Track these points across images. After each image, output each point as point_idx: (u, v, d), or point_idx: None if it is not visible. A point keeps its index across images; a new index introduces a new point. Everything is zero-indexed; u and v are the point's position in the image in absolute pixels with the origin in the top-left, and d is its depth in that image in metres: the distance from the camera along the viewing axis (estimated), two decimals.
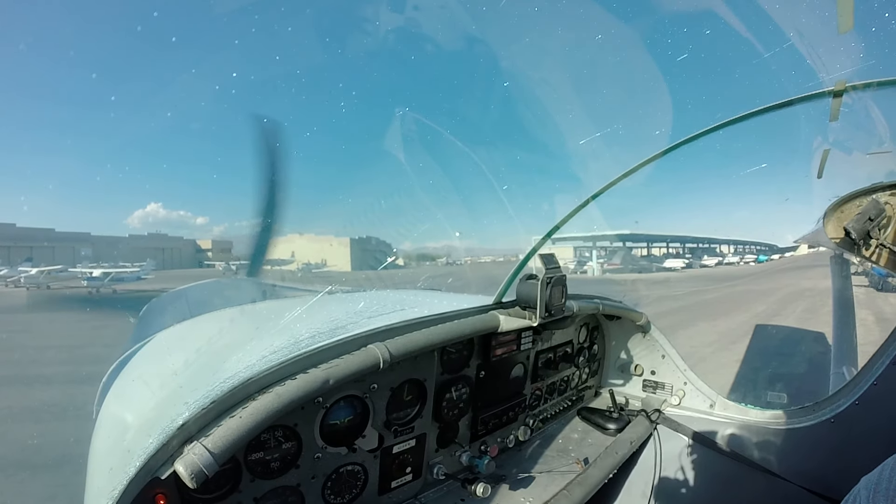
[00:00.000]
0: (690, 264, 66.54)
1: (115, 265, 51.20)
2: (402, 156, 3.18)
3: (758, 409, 3.06)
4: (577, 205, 2.68)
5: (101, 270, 44.40)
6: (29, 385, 11.84)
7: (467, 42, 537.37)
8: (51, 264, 50.87)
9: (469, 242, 21.33)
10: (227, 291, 5.94)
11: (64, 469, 7.12)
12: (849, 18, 1.93)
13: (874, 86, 2.11)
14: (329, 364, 1.69)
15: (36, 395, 11.02)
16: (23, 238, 70.28)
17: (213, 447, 1.35)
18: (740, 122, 2.35)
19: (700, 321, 18.09)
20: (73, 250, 72.28)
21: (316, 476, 1.97)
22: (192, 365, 2.04)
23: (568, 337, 3.39)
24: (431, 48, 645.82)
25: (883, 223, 2.43)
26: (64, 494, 6.54)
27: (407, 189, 3.38)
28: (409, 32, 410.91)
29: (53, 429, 8.97)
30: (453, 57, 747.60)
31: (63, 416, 9.58)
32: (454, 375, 2.52)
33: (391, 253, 4.82)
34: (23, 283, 44.70)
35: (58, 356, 15.07)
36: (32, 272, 46.04)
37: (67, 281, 46.23)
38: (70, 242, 75.45)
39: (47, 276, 46.47)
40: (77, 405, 9.77)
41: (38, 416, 9.79)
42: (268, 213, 5.65)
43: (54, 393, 11.07)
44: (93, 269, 45.67)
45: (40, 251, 66.67)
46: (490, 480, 2.37)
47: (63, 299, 36.93)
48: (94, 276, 42.80)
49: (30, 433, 8.84)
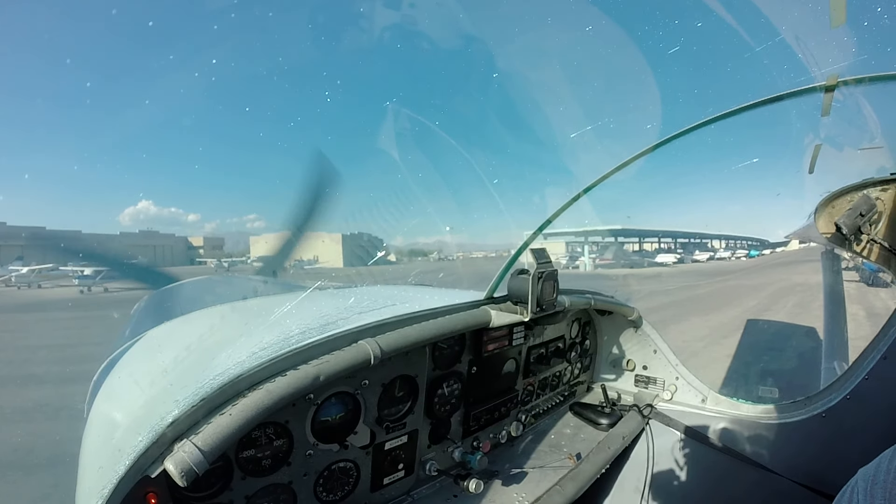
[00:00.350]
0: (682, 259, 66.79)
1: None
2: (393, 150, 3.16)
3: (749, 403, 3.08)
4: (569, 199, 2.68)
5: (93, 269, 44.02)
6: (21, 385, 11.74)
7: (459, 36, 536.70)
8: (42, 263, 50.41)
9: (460, 237, 21.30)
10: (218, 288, 5.90)
11: (57, 469, 7.07)
12: (841, 13, 1.93)
13: (866, 81, 2.12)
14: (319, 360, 1.68)
15: (28, 395, 10.93)
16: (13, 237, 69.62)
17: (204, 445, 1.34)
18: (732, 116, 2.35)
19: (692, 316, 18.18)
20: None
21: (308, 473, 1.96)
22: (182, 362, 2.03)
23: (560, 332, 3.39)
24: (422, 42, 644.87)
25: (874, 218, 2.45)
26: (57, 494, 6.50)
27: (398, 184, 3.36)
28: (399, 27, 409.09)
29: (46, 429, 8.90)
30: (443, 50, 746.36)
31: (55, 416, 9.51)
32: (446, 371, 2.51)
33: (381, 248, 4.80)
34: (14, 283, 44.32)
35: (50, 355, 14.95)
36: (23, 271, 45.63)
37: (59, 280, 45.85)
38: (61, 241, 74.83)
39: (38, 275, 46.07)
40: (69, 404, 9.70)
41: (31, 416, 9.71)
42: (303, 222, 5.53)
43: (47, 392, 10.98)
44: (84, 267, 45.28)
45: (31, 250, 66.06)
46: (482, 476, 2.37)
47: (54, 298, 36.67)
48: (86, 275, 42.43)
49: (22, 433, 8.78)
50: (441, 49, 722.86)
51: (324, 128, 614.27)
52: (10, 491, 6.98)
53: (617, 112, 2.71)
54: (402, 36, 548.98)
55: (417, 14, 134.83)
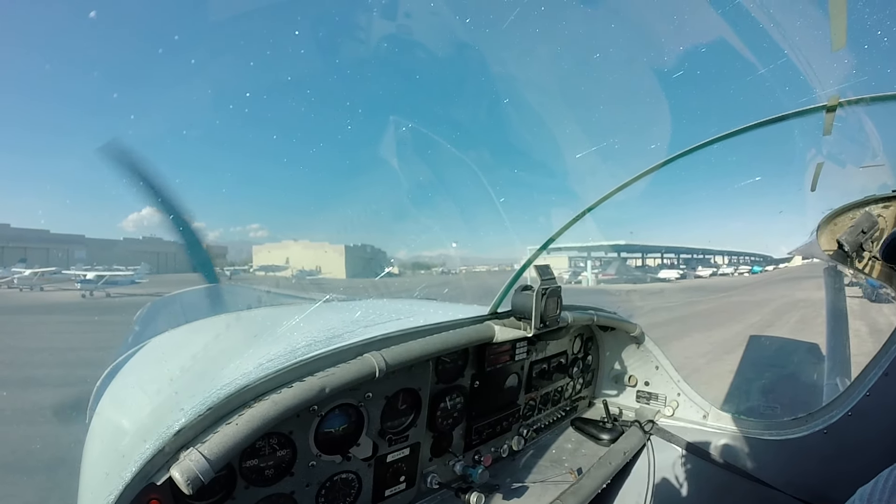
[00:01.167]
0: (685, 275, 66.59)
1: (109, 268, 50.84)
2: (401, 166, 3.20)
3: (751, 419, 3.07)
4: (573, 217, 2.70)
5: (96, 273, 44.06)
6: (22, 388, 11.74)
7: (470, 61, 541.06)
8: (45, 266, 50.53)
9: (465, 252, 21.32)
10: (222, 297, 5.92)
11: (57, 472, 7.06)
12: (842, 36, 1.96)
13: (867, 101, 2.14)
14: (325, 372, 1.70)
15: (29, 398, 10.93)
16: (17, 239, 69.84)
17: (210, 454, 1.36)
18: (735, 136, 2.37)
19: (694, 332, 18.11)
20: (68, 252, 71.83)
21: (310, 484, 1.97)
22: (189, 371, 2.05)
23: (562, 347, 3.40)
24: (431, 60, 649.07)
25: (875, 235, 2.46)
26: (56, 498, 6.49)
27: (403, 199, 3.40)
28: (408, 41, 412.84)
29: (46, 432, 8.89)
30: (453, 72, 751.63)
31: (56, 420, 9.51)
32: (449, 385, 2.53)
33: (387, 262, 4.83)
34: (16, 285, 44.38)
35: (51, 359, 14.96)
36: (26, 273, 45.71)
37: (61, 283, 45.93)
38: (64, 244, 75.00)
39: (41, 277, 46.15)
40: (70, 409, 9.69)
41: (32, 419, 9.71)
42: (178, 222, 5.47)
43: (47, 396, 10.98)
44: (87, 271, 45.33)
45: (34, 252, 66.25)
46: (483, 490, 2.38)
47: (56, 301, 36.70)
48: (88, 279, 42.48)
49: (22, 436, 8.77)
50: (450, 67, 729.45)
51: (329, 142, 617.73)
52: (8, 492, 6.98)
53: (622, 133, 2.75)
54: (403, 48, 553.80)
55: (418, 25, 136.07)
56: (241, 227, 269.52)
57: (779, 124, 2.31)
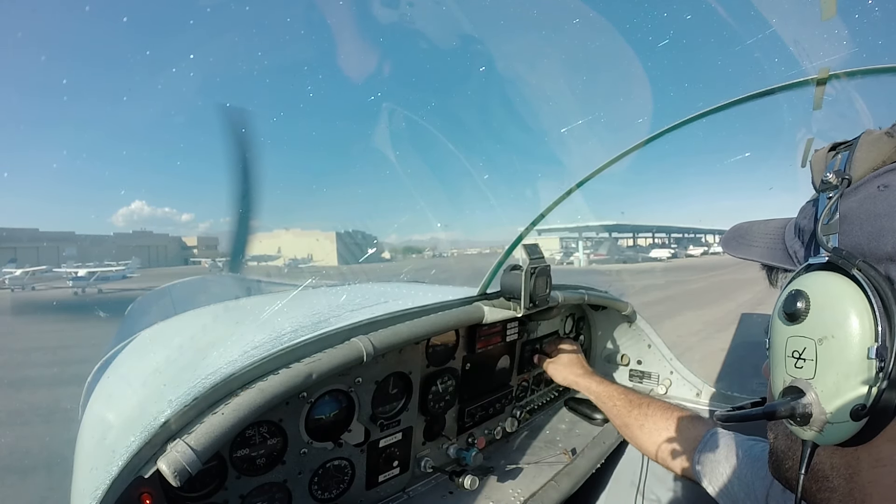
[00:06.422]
0: (676, 254, 66.93)
1: (100, 264, 50.59)
2: (386, 149, 3.16)
3: (743, 396, 3.08)
4: (561, 193, 2.67)
5: (87, 270, 43.81)
6: (16, 388, 11.71)
7: (448, 30, 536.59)
8: (35, 265, 50.23)
9: (454, 234, 21.30)
10: (211, 288, 5.90)
11: (54, 471, 7.07)
12: (832, 5, 1.93)
13: (857, 74, 2.11)
14: (312, 358, 1.67)
15: (23, 398, 10.92)
16: (6, 239, 69.28)
17: (196, 444, 1.33)
18: (723, 110, 2.34)
19: (686, 310, 18.27)
20: (58, 250, 71.38)
21: (302, 471, 1.95)
22: (175, 362, 2.02)
23: (554, 327, 3.39)
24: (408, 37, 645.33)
25: None
26: (54, 497, 6.50)
27: (392, 182, 3.37)
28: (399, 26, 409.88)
29: (42, 431, 8.90)
30: (433, 46, 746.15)
31: (51, 419, 9.50)
32: (440, 368, 2.51)
33: (374, 245, 4.80)
34: (7, 285, 44.14)
35: (44, 358, 14.92)
36: (17, 273, 45.43)
37: (52, 281, 45.74)
38: (54, 242, 74.53)
39: (32, 276, 45.91)
40: (64, 407, 9.68)
41: (27, 419, 9.70)
42: (243, 202, 5.53)
43: (42, 395, 10.97)
44: (78, 268, 45.06)
45: (24, 251, 65.77)
46: (478, 472, 2.37)
47: (48, 300, 36.52)
48: (80, 276, 42.25)
49: (18, 436, 8.76)
50: (429, 43, 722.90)
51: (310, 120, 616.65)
52: (7, 493, 6.98)
53: (607, 106, 2.71)
54: (392, 31, 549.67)
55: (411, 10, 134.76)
56: (231, 216, 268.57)
57: (767, 98, 2.28)
